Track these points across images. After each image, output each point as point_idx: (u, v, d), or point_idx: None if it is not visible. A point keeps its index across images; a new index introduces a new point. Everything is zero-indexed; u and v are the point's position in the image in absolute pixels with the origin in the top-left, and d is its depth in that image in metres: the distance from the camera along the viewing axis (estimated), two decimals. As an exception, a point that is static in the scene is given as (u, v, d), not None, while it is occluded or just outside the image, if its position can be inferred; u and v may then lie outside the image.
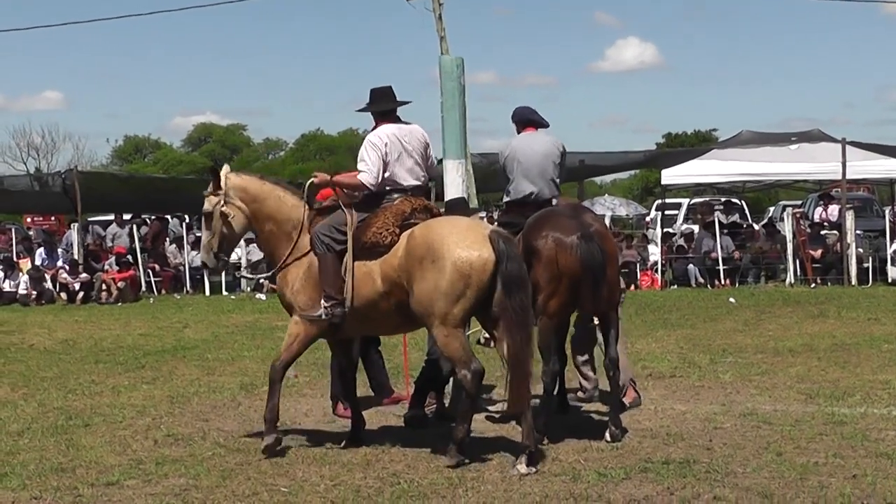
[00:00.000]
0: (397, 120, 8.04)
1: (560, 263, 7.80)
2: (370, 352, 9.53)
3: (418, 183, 7.95)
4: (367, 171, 7.76)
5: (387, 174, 7.80)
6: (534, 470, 6.94)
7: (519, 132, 9.03)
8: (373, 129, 8.01)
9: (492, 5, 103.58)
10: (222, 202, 7.96)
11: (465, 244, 7.16)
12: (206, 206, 8.06)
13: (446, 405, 8.98)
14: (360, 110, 8.11)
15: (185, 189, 26.12)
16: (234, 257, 23.17)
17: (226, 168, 8.25)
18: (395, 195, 7.79)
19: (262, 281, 23.31)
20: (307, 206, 7.94)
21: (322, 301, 7.60)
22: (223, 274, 22.84)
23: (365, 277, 7.55)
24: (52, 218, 34.18)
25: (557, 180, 8.86)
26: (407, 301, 7.37)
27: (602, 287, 7.84)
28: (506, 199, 9.03)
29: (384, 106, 8.05)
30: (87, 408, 9.46)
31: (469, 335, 9.25)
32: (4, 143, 63.73)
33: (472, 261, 7.12)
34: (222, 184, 8.00)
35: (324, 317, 7.60)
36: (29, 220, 35.93)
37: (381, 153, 7.77)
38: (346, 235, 7.59)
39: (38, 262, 23.26)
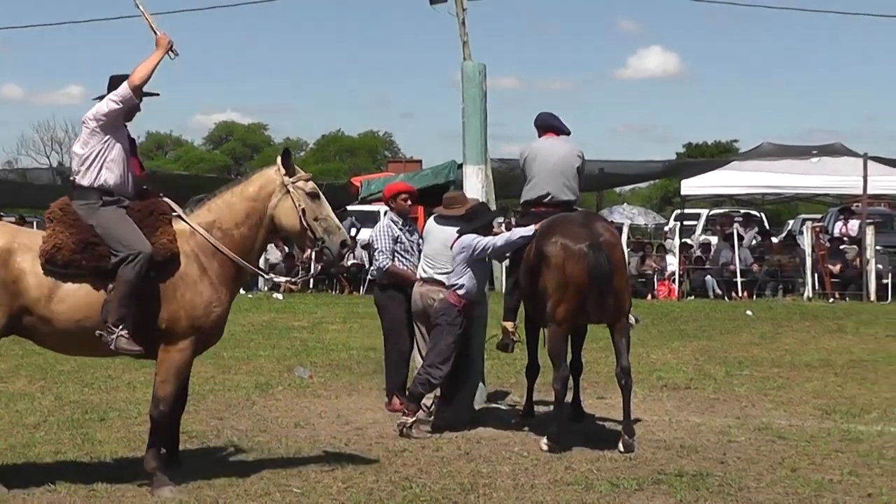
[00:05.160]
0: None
1: (567, 271, 7.81)
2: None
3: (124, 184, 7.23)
4: None
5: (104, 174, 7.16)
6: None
7: (540, 136, 9.07)
8: None
9: (514, 9, 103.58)
10: None
11: None
12: None
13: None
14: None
15: (205, 187, 26.11)
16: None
17: None
18: None
19: (279, 280, 23.39)
20: None
21: None
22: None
23: None
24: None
25: (576, 186, 8.90)
26: None
27: (608, 297, 7.83)
28: (522, 199, 9.06)
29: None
30: (103, 402, 9.49)
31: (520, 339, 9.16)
32: (28, 137, 63.99)
33: None
34: None
35: None
36: (49, 213, 35.96)
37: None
38: None
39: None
